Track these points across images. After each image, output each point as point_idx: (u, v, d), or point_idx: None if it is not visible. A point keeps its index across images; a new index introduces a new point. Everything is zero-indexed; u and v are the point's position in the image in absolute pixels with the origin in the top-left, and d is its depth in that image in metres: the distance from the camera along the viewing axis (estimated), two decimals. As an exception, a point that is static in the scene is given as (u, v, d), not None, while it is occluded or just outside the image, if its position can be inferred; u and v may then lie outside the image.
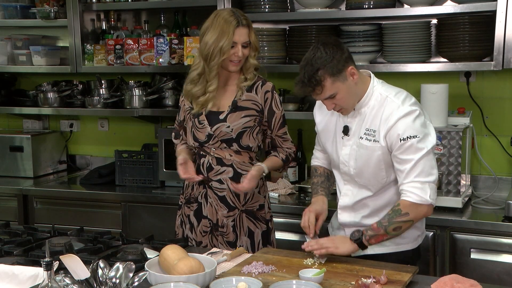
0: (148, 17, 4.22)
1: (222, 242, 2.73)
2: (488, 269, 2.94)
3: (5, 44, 4.35)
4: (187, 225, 2.79)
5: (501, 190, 3.40)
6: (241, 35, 2.57)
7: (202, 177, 2.67)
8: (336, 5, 3.64)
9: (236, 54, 2.58)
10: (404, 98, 2.32)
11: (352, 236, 2.27)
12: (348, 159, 2.40)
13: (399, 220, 2.25)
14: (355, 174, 2.41)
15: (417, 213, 2.27)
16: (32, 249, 2.45)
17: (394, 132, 2.26)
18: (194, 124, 2.70)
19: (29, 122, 4.62)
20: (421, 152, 2.25)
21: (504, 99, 3.49)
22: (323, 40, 2.28)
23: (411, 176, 2.25)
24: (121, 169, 3.91)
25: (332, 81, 2.23)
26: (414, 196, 2.25)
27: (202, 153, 2.73)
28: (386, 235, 2.27)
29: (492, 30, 3.13)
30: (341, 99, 2.28)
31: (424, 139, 2.26)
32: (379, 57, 3.58)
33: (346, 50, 2.28)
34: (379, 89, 2.35)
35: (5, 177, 4.20)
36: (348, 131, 2.40)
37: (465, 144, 3.21)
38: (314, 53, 2.23)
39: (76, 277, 1.78)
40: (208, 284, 2.00)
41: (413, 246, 2.47)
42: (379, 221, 2.28)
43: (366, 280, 2.04)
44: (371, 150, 2.33)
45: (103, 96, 4.10)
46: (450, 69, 3.34)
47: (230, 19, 2.56)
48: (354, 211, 2.46)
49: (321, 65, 2.21)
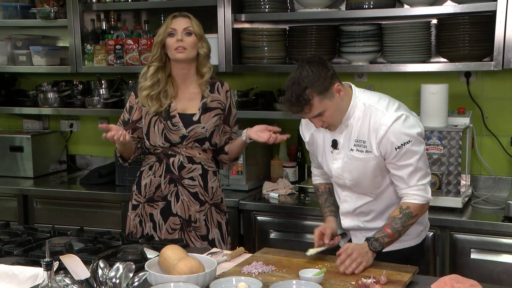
0: (148, 17, 4.22)
1: (195, 236, 2.81)
2: (488, 269, 2.94)
3: (5, 44, 4.35)
4: (148, 224, 2.83)
5: (501, 190, 3.40)
6: (179, 22, 2.71)
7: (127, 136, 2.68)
8: (336, 5, 3.64)
9: (177, 39, 2.68)
10: (387, 104, 2.33)
11: (374, 248, 2.26)
12: (342, 172, 2.42)
13: (410, 222, 2.33)
14: (351, 185, 2.44)
15: (423, 212, 2.39)
16: (32, 249, 2.45)
17: (386, 141, 2.28)
18: (167, 126, 2.75)
19: (29, 122, 4.62)
20: (417, 155, 2.30)
21: (504, 99, 3.49)
22: (307, 59, 2.29)
23: (413, 180, 2.31)
24: (121, 169, 3.90)
25: (320, 99, 2.24)
26: (421, 198, 2.33)
27: (171, 153, 2.78)
28: (399, 237, 2.34)
29: (492, 30, 3.13)
30: (329, 116, 2.30)
31: (416, 141, 2.29)
32: (379, 57, 3.58)
33: (331, 67, 2.30)
34: (362, 99, 2.36)
35: (5, 177, 4.20)
36: (336, 145, 2.42)
37: (465, 144, 3.21)
38: (300, 72, 2.24)
39: (76, 277, 1.78)
40: (208, 284, 2.00)
41: (416, 242, 2.49)
42: (392, 226, 2.30)
43: (366, 280, 2.04)
44: (365, 161, 2.35)
45: (103, 96, 4.10)
46: (450, 69, 3.34)
47: (171, 15, 2.74)
48: (356, 216, 2.48)
49: (309, 84, 2.22)
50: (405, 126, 2.28)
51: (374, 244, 2.26)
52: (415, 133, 2.29)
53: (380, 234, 2.29)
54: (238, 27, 3.71)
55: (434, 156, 3.10)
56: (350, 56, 3.55)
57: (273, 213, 3.34)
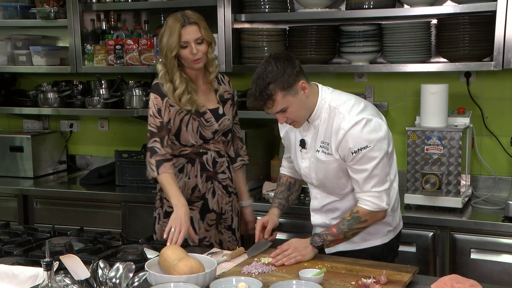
0: (148, 17, 4.22)
1: (224, 228, 2.84)
2: (488, 269, 2.94)
3: (5, 44, 4.35)
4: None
5: (501, 190, 3.40)
6: (189, 33, 2.64)
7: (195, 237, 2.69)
8: (336, 5, 3.64)
9: (192, 52, 2.64)
10: (350, 107, 2.34)
11: (314, 242, 2.34)
12: (309, 171, 2.47)
13: (358, 226, 2.36)
14: (318, 185, 2.49)
15: (375, 219, 2.39)
16: (32, 249, 2.45)
17: (344, 145, 2.30)
18: (201, 123, 2.72)
19: (29, 122, 4.62)
20: (374, 161, 2.30)
21: (504, 99, 3.49)
22: (274, 55, 2.32)
23: (367, 186, 2.33)
24: (121, 169, 3.90)
25: (283, 95, 2.27)
26: (372, 205, 2.34)
27: (202, 151, 2.77)
28: (345, 239, 2.39)
29: (492, 30, 3.13)
30: (293, 112, 2.32)
31: (376, 147, 2.30)
32: (379, 57, 3.58)
33: (297, 65, 2.32)
34: (328, 100, 2.38)
35: (5, 177, 4.20)
36: (304, 145, 2.46)
37: (465, 144, 3.21)
38: (266, 67, 2.27)
39: (76, 277, 1.78)
40: (208, 284, 2.00)
41: (382, 241, 2.52)
42: (338, 226, 2.36)
43: (366, 280, 2.04)
44: (327, 164, 2.39)
45: (103, 96, 4.10)
46: (450, 69, 3.34)
47: (177, 20, 2.65)
48: (324, 213, 2.55)
49: (272, 79, 2.25)
50: (365, 131, 2.28)
51: (315, 239, 2.35)
52: (376, 138, 2.29)
53: (325, 231, 2.37)
54: (238, 27, 3.71)
55: (434, 156, 3.10)
56: (350, 56, 3.55)
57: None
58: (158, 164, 2.63)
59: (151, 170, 2.64)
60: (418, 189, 3.15)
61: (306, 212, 3.26)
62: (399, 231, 2.61)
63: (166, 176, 2.62)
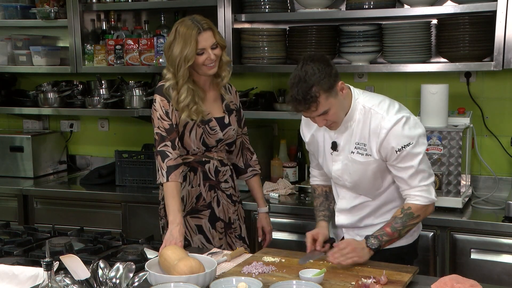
0: (148, 17, 4.22)
1: (234, 238, 2.83)
2: (488, 269, 2.94)
3: (5, 44, 4.35)
4: (197, 236, 2.74)
5: (501, 190, 3.40)
6: (206, 39, 2.58)
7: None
8: (336, 5, 3.64)
9: (209, 58, 2.59)
10: (387, 107, 2.32)
11: (371, 245, 2.28)
12: (342, 174, 2.43)
13: (412, 222, 2.33)
14: (351, 187, 2.44)
15: (426, 213, 2.37)
16: (32, 249, 2.45)
17: (387, 145, 2.28)
18: (206, 131, 2.68)
19: (29, 122, 4.63)
20: (419, 157, 2.29)
21: (504, 99, 3.49)
22: (310, 57, 2.27)
23: (415, 181, 2.31)
24: (121, 169, 3.90)
25: (326, 97, 2.23)
26: (424, 199, 2.32)
27: (205, 160, 2.74)
28: (399, 238, 2.34)
29: (492, 30, 3.13)
30: (334, 114, 2.29)
31: (418, 143, 2.29)
32: (379, 57, 3.58)
33: (333, 66, 2.29)
34: (362, 101, 2.36)
35: (5, 177, 4.20)
36: (336, 147, 2.41)
37: (465, 144, 3.21)
38: (306, 70, 2.22)
39: (76, 277, 1.78)
40: (208, 284, 2.00)
41: (408, 242, 2.48)
42: (392, 225, 2.31)
43: (366, 280, 2.04)
44: (366, 165, 2.35)
45: (103, 96, 4.10)
46: (450, 69, 3.34)
47: (191, 27, 2.57)
48: (352, 213, 2.49)
49: (315, 82, 2.20)
50: (406, 128, 2.27)
51: (371, 241, 2.28)
52: (416, 134, 2.29)
53: (379, 232, 2.30)
54: (238, 27, 3.71)
55: (434, 156, 3.10)
56: (350, 56, 3.55)
57: (273, 213, 3.33)
58: (169, 170, 2.56)
59: (162, 175, 2.56)
60: (418, 189, 3.15)
61: (306, 212, 3.28)
62: (420, 230, 2.58)
63: (172, 186, 2.54)
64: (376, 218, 2.45)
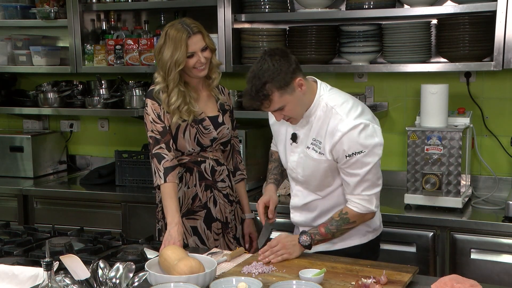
0: (148, 17, 4.22)
1: (230, 238, 2.81)
2: (488, 269, 2.94)
3: (5, 44, 4.35)
4: (192, 238, 2.75)
5: (501, 190, 3.40)
6: (196, 43, 2.60)
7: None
8: (336, 5, 3.64)
9: (199, 61, 2.61)
10: (349, 110, 2.31)
11: (303, 242, 2.34)
12: (296, 166, 2.45)
13: (346, 227, 2.38)
14: (302, 181, 2.47)
15: (363, 220, 2.41)
16: (32, 249, 2.45)
17: (339, 147, 2.28)
18: (199, 130, 2.69)
19: (29, 122, 4.63)
20: (367, 167, 2.29)
21: (504, 99, 3.49)
22: (270, 51, 2.27)
23: (358, 189, 2.33)
24: (121, 169, 3.91)
25: (280, 94, 2.23)
26: (362, 208, 2.36)
27: (200, 160, 2.73)
28: (333, 238, 2.40)
29: (492, 30, 3.13)
30: (290, 110, 2.29)
31: (370, 153, 2.28)
32: (379, 57, 3.58)
33: (293, 61, 2.27)
34: (326, 98, 2.35)
35: (5, 177, 4.20)
36: (296, 139, 2.43)
37: (465, 144, 3.21)
38: (261, 65, 2.22)
39: (76, 277, 1.78)
40: (208, 284, 2.00)
41: (362, 241, 2.50)
42: (327, 226, 2.36)
43: (366, 280, 2.04)
44: (318, 162, 2.37)
45: (103, 96, 4.10)
46: (450, 69, 3.34)
47: (181, 31, 2.58)
48: (304, 211, 2.53)
49: (268, 79, 2.20)
50: (362, 136, 2.26)
51: (304, 238, 2.34)
52: (371, 144, 2.28)
53: (313, 231, 2.37)
54: (238, 27, 3.71)
55: (434, 156, 3.10)
56: (350, 56, 3.55)
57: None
58: (166, 171, 2.56)
59: (159, 177, 2.57)
60: (418, 189, 3.15)
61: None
62: (379, 233, 2.59)
63: (170, 187, 2.55)
64: (326, 219, 2.45)
